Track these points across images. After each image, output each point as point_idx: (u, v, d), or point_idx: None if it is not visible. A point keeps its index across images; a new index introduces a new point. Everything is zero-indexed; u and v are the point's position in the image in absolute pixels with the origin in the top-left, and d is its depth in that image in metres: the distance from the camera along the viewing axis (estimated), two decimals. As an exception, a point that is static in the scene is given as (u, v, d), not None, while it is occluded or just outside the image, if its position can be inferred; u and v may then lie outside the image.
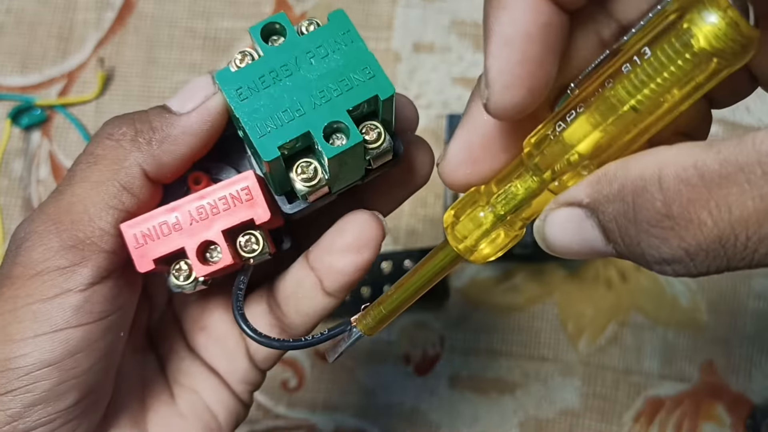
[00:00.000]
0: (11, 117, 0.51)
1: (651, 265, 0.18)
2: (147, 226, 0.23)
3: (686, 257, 0.17)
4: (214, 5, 0.54)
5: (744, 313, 0.52)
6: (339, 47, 0.24)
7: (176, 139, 0.23)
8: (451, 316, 0.51)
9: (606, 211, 0.18)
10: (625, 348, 0.51)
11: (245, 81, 0.23)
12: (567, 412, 0.50)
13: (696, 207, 0.16)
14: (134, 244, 0.23)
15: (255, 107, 0.23)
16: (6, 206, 0.52)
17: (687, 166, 0.16)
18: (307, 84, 0.23)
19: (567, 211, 0.19)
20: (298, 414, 0.50)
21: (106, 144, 0.23)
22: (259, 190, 0.24)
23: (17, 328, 0.22)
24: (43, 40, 0.54)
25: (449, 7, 0.55)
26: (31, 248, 0.22)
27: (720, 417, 0.50)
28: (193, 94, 0.24)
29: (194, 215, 0.23)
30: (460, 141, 0.22)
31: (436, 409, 0.50)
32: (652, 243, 0.17)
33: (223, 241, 0.23)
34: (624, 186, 0.17)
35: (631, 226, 0.17)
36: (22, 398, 0.22)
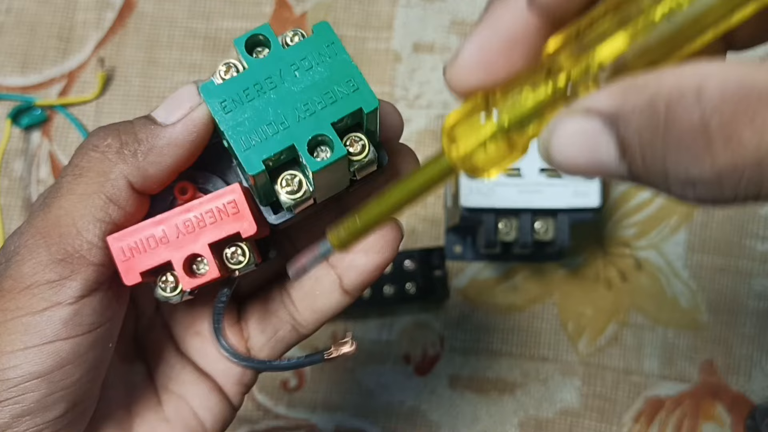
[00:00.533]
0: (11, 117, 0.51)
1: (672, 185, 0.16)
2: (134, 240, 0.23)
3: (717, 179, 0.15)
4: (214, 5, 0.55)
5: (744, 313, 0.52)
6: (323, 59, 0.24)
7: (162, 150, 0.23)
8: (451, 316, 0.51)
9: (630, 122, 0.16)
10: (625, 348, 0.51)
11: (229, 94, 0.23)
12: (567, 411, 0.50)
13: (739, 125, 0.15)
14: (121, 257, 0.23)
15: (239, 120, 0.23)
16: (6, 206, 0.52)
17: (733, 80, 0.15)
18: (292, 97, 0.23)
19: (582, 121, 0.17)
20: (298, 414, 0.50)
21: (92, 156, 0.23)
22: (245, 204, 0.24)
23: (7, 340, 0.22)
24: (44, 40, 0.54)
25: (449, 7, 0.55)
26: (21, 262, 0.22)
27: (720, 417, 0.50)
28: (178, 104, 0.24)
29: (181, 228, 0.23)
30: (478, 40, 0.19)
31: (436, 408, 0.50)
32: (682, 160, 0.15)
33: (209, 254, 0.23)
34: (657, 96, 0.15)
35: (658, 140, 0.16)
36: (11, 409, 0.22)
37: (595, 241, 0.52)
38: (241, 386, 0.28)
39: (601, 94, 0.17)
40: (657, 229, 0.52)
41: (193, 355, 0.28)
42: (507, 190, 0.44)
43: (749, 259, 0.52)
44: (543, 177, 0.44)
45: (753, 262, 0.52)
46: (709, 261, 0.52)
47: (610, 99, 0.16)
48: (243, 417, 0.49)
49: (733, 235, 0.52)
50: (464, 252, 0.51)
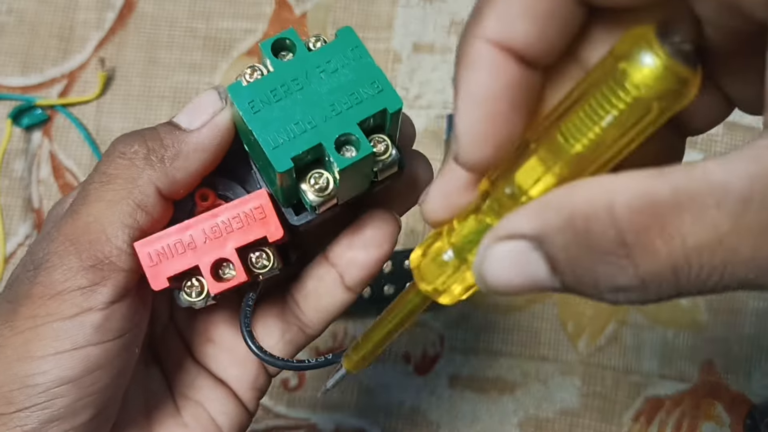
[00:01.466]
0: (12, 117, 0.51)
1: (603, 293, 0.17)
2: (161, 245, 0.23)
3: (641, 285, 0.16)
4: (214, 5, 0.55)
5: (743, 313, 0.52)
6: (348, 62, 0.24)
7: (188, 155, 0.24)
8: (451, 316, 0.51)
9: (554, 241, 0.17)
10: (625, 348, 0.51)
11: (257, 94, 0.24)
12: (567, 411, 0.50)
13: (650, 235, 0.16)
14: (148, 263, 0.23)
15: (267, 120, 0.23)
16: (7, 206, 0.52)
17: (638, 194, 0.16)
18: (318, 98, 0.24)
19: (509, 245, 0.18)
20: (299, 413, 0.50)
21: (119, 163, 0.23)
22: (271, 209, 0.24)
23: (38, 345, 0.22)
24: (44, 40, 0.54)
25: (449, 8, 0.55)
26: (51, 269, 0.22)
27: (719, 416, 0.51)
28: (201, 110, 0.24)
29: (208, 233, 0.24)
30: (438, 187, 0.22)
31: (436, 408, 0.50)
32: (608, 271, 0.16)
33: (237, 258, 0.24)
34: (573, 214, 0.16)
35: (584, 255, 0.17)
36: (40, 414, 0.22)
37: (594, 241, 0.52)
38: (255, 391, 0.29)
39: (520, 217, 0.17)
40: (656, 229, 0.52)
41: (207, 362, 0.28)
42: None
43: (749, 259, 0.52)
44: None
45: (752, 262, 0.52)
46: (709, 261, 0.52)
47: (531, 221, 0.17)
48: (243, 416, 0.50)
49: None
50: (464, 252, 0.51)
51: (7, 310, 0.23)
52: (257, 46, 0.54)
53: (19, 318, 0.22)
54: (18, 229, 0.52)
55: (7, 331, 0.22)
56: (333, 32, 0.54)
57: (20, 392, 0.22)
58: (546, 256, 0.17)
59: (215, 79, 0.54)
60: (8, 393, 0.22)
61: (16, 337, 0.22)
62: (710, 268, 0.16)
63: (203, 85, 0.54)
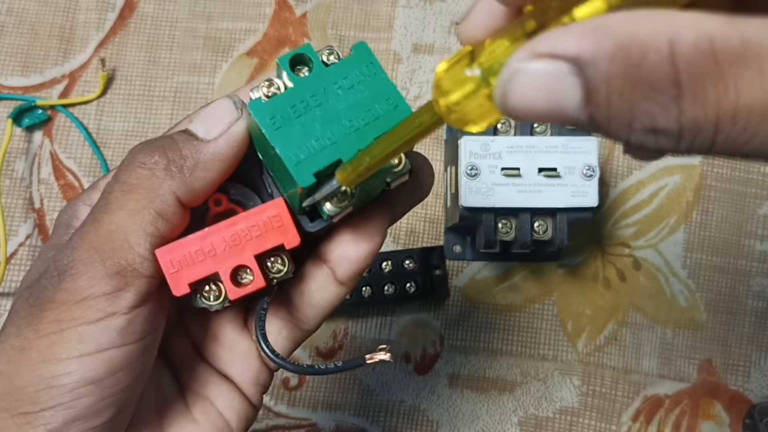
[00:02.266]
0: (13, 117, 0.51)
1: (633, 134, 0.16)
2: (182, 252, 0.24)
3: (678, 131, 0.16)
4: (214, 6, 0.55)
5: (742, 313, 0.52)
6: (363, 79, 0.25)
7: (207, 165, 0.24)
8: (451, 316, 0.51)
9: (600, 68, 0.15)
10: (624, 347, 0.51)
11: (278, 110, 0.24)
12: (566, 410, 0.50)
13: (705, 82, 0.15)
14: (170, 270, 0.24)
15: (288, 136, 0.24)
16: (8, 206, 0.52)
17: (705, 36, 0.15)
18: (336, 114, 0.24)
19: (548, 64, 0.16)
20: (299, 413, 0.50)
21: (140, 173, 0.24)
22: (288, 217, 0.25)
23: (63, 348, 0.23)
24: (45, 40, 0.54)
25: (449, 8, 0.55)
26: (76, 276, 0.23)
27: (718, 416, 0.51)
28: (217, 119, 0.25)
29: (228, 241, 0.24)
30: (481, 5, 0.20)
31: (436, 407, 0.50)
32: (650, 110, 0.15)
33: (255, 265, 0.25)
34: (631, 43, 0.15)
35: (628, 88, 0.15)
36: (64, 414, 0.23)
37: (594, 241, 0.52)
38: (258, 386, 0.29)
39: (567, 36, 0.16)
40: (656, 229, 0.52)
41: (212, 359, 0.29)
42: (506, 190, 0.44)
43: (748, 258, 0.52)
44: (542, 177, 0.44)
45: (751, 261, 0.52)
46: (708, 261, 0.52)
47: (580, 42, 0.16)
48: (244, 416, 0.50)
49: (731, 234, 0.53)
50: (464, 251, 0.52)
51: (30, 314, 0.24)
52: (258, 47, 0.54)
53: (43, 322, 0.23)
54: (19, 229, 0.52)
55: (31, 334, 0.23)
56: (333, 33, 0.54)
57: (45, 392, 0.23)
58: (584, 84, 0.16)
59: (216, 79, 0.54)
60: (33, 393, 0.23)
61: (40, 340, 0.23)
62: (752, 133, 0.15)
63: (203, 86, 0.54)
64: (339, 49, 0.27)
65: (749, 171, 0.53)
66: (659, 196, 0.53)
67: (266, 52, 0.54)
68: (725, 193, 0.53)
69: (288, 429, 0.50)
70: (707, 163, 0.53)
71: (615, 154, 0.54)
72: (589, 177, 0.44)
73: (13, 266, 0.51)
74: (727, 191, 0.53)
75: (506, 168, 0.44)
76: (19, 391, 0.23)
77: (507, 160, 0.44)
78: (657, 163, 0.53)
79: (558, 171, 0.44)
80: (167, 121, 0.53)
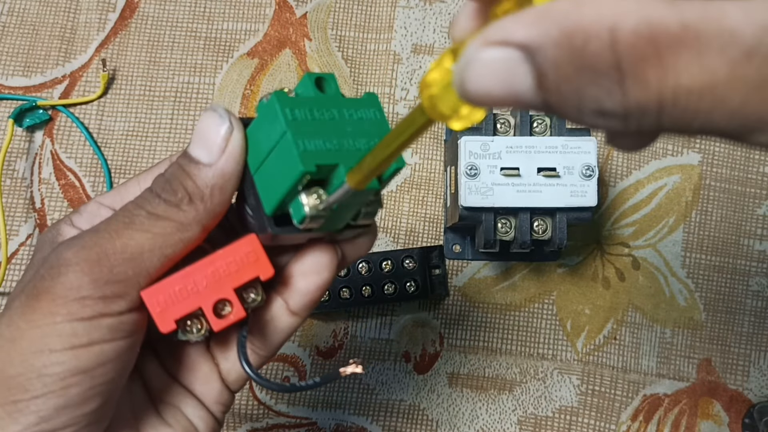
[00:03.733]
0: (14, 117, 0.51)
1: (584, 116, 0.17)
2: (167, 292, 0.26)
3: (624, 113, 0.16)
4: (215, 7, 0.55)
5: (741, 312, 0.52)
6: (370, 119, 0.27)
7: (222, 188, 0.26)
8: (450, 315, 0.51)
9: (548, 55, 0.16)
10: (623, 346, 0.51)
11: (298, 107, 0.26)
12: (565, 409, 0.51)
13: (645, 65, 0.16)
14: (156, 309, 0.26)
15: (301, 128, 0.25)
16: (9, 206, 0.52)
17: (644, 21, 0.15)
18: (344, 132, 0.26)
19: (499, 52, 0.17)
20: (299, 411, 0.50)
21: (167, 208, 0.25)
22: (263, 252, 0.26)
23: (56, 340, 0.24)
24: (46, 41, 0.54)
25: (449, 8, 0.55)
26: (80, 274, 0.24)
27: (717, 415, 0.51)
28: (213, 138, 0.26)
29: (208, 277, 0.26)
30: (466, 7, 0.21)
31: (435, 406, 0.51)
32: (595, 94, 0.16)
33: (235, 297, 0.26)
34: (574, 30, 0.16)
35: (574, 74, 0.16)
36: (55, 401, 0.24)
37: (593, 241, 0.52)
38: (220, 405, 0.30)
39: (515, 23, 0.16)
40: (655, 229, 0.53)
41: (177, 376, 0.30)
42: (505, 190, 0.44)
43: (746, 258, 0.52)
44: (541, 177, 0.44)
45: (750, 261, 0.52)
46: (707, 260, 0.52)
47: (527, 29, 0.16)
48: (244, 415, 0.50)
49: (730, 234, 0.53)
50: (463, 251, 0.52)
51: (24, 304, 0.25)
52: (258, 47, 0.54)
53: (36, 312, 0.24)
54: (20, 229, 0.52)
55: (23, 324, 0.24)
56: (333, 33, 0.55)
57: (37, 380, 0.24)
58: (534, 70, 0.16)
59: (216, 79, 0.54)
60: (24, 381, 0.24)
61: (33, 330, 0.24)
62: (694, 112, 0.16)
63: (204, 86, 0.54)
64: (340, 50, 0.28)
65: (748, 171, 0.54)
66: (658, 195, 0.53)
67: (267, 52, 0.54)
68: (724, 193, 0.53)
69: (288, 428, 0.50)
70: (706, 163, 0.53)
71: (614, 154, 0.54)
72: (589, 177, 0.44)
73: (13, 266, 0.51)
74: (726, 191, 0.53)
75: (506, 168, 0.44)
76: (10, 380, 0.24)
77: (506, 160, 0.44)
78: (656, 163, 0.53)
79: (557, 171, 0.44)
80: (168, 121, 0.53)
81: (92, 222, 0.29)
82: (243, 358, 0.27)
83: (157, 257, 0.25)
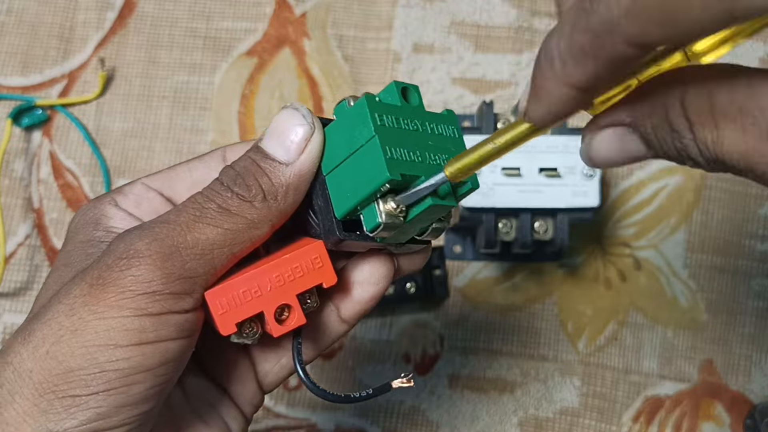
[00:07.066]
0: (12, 117, 0.51)
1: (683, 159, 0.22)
2: (231, 294, 0.25)
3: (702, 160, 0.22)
4: (214, 5, 0.55)
5: (743, 313, 0.52)
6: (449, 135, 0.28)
7: (297, 188, 0.26)
8: (450, 316, 0.51)
9: (645, 125, 0.22)
10: (625, 347, 0.51)
11: (386, 111, 0.26)
12: (566, 411, 0.50)
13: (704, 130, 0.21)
14: (219, 311, 0.25)
15: (387, 135, 0.26)
16: (7, 206, 0.52)
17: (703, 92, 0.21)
18: (426, 145, 0.27)
19: (611, 131, 0.23)
20: (299, 413, 0.50)
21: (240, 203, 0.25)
22: (328, 259, 0.26)
23: (123, 335, 0.23)
24: (44, 40, 0.54)
25: (449, 8, 0.55)
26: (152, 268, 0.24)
27: (719, 416, 0.51)
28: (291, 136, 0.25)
29: (273, 282, 0.26)
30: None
31: (435, 408, 0.50)
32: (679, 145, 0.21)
33: (297, 303, 0.26)
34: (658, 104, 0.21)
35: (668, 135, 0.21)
36: (116, 399, 0.23)
37: (594, 241, 0.52)
38: (252, 406, 0.30)
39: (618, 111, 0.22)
40: (656, 229, 0.52)
41: (214, 375, 0.30)
42: (507, 190, 0.44)
43: (748, 258, 0.52)
44: (542, 177, 0.44)
45: (752, 261, 0.52)
46: (709, 261, 0.52)
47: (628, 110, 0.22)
48: (243, 416, 0.50)
49: (732, 234, 0.53)
50: (464, 252, 0.51)
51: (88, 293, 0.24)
52: (257, 46, 0.54)
53: (102, 305, 0.23)
54: (18, 229, 0.52)
55: (87, 314, 0.23)
56: (333, 32, 0.54)
57: (100, 376, 0.23)
58: (640, 137, 0.22)
59: (215, 79, 0.54)
60: (86, 376, 0.23)
61: (98, 322, 0.23)
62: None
63: (203, 85, 0.54)
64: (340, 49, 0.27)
65: (750, 171, 0.53)
66: (660, 196, 0.53)
67: (266, 51, 0.54)
68: (726, 194, 0.53)
69: (288, 429, 0.50)
70: (708, 163, 0.53)
71: (615, 154, 0.53)
72: (590, 177, 0.44)
73: (12, 266, 0.51)
74: (727, 191, 0.53)
75: (506, 168, 0.44)
76: (70, 374, 0.23)
77: (507, 160, 0.44)
78: (658, 164, 0.53)
79: (558, 171, 0.44)
80: (167, 120, 0.53)
81: (139, 205, 0.28)
82: (299, 365, 0.27)
83: (225, 255, 0.25)
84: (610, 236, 0.52)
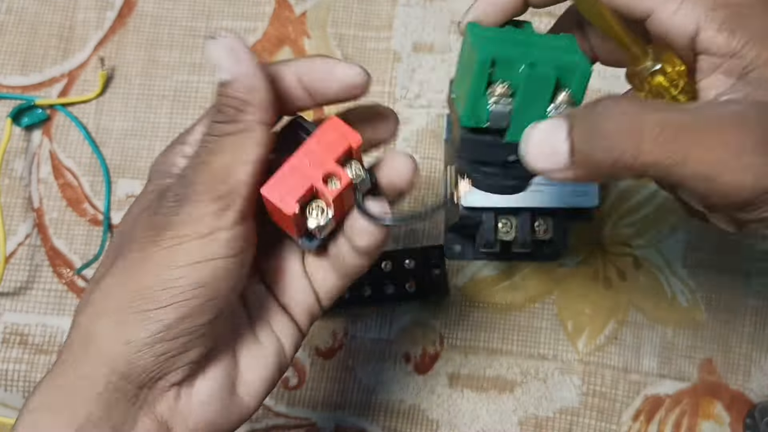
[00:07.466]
0: (12, 116, 0.51)
1: None
2: (280, 182, 0.29)
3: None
4: (214, 5, 0.55)
5: (743, 312, 0.52)
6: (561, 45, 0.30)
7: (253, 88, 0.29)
8: (450, 315, 0.51)
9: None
10: (624, 347, 0.51)
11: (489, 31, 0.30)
12: (566, 410, 0.50)
13: None
14: (277, 199, 0.29)
15: (487, 35, 0.29)
16: (7, 205, 0.52)
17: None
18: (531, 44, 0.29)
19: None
20: (299, 412, 0.50)
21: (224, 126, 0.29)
22: (344, 123, 0.29)
23: (181, 257, 0.28)
24: (44, 39, 0.54)
25: (449, 7, 0.55)
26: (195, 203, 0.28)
27: (719, 415, 0.51)
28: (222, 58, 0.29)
29: (309, 159, 0.29)
30: None
31: (435, 407, 0.50)
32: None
33: (339, 168, 0.29)
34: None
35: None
36: (177, 310, 0.27)
37: (594, 240, 0.52)
38: (309, 316, 0.34)
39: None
40: (656, 228, 0.52)
41: (276, 291, 0.33)
42: (506, 190, 0.44)
43: (748, 258, 0.52)
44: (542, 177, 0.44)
45: (752, 260, 0.52)
46: (708, 260, 0.52)
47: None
48: (243, 415, 0.50)
49: (731, 233, 0.53)
50: (464, 251, 0.51)
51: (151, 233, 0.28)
52: (258, 45, 0.54)
53: (164, 238, 0.28)
54: (18, 228, 0.52)
55: (152, 247, 0.28)
56: (333, 31, 0.54)
57: (164, 292, 0.27)
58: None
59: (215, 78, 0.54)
60: (154, 293, 0.27)
61: (162, 251, 0.28)
62: None
63: (203, 85, 0.54)
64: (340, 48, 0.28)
65: (750, 170, 0.53)
66: (659, 195, 0.53)
67: (266, 50, 0.54)
68: (726, 193, 0.53)
69: (288, 429, 0.50)
70: (708, 163, 0.53)
71: (615, 153, 0.53)
72: (590, 176, 0.44)
73: (12, 265, 0.51)
74: (727, 190, 0.53)
75: (506, 167, 0.44)
76: (142, 291, 0.28)
77: (507, 160, 0.44)
78: (657, 163, 0.53)
79: (558, 170, 0.44)
80: (167, 120, 0.53)
81: None
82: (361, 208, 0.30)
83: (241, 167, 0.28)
84: (609, 235, 0.52)
